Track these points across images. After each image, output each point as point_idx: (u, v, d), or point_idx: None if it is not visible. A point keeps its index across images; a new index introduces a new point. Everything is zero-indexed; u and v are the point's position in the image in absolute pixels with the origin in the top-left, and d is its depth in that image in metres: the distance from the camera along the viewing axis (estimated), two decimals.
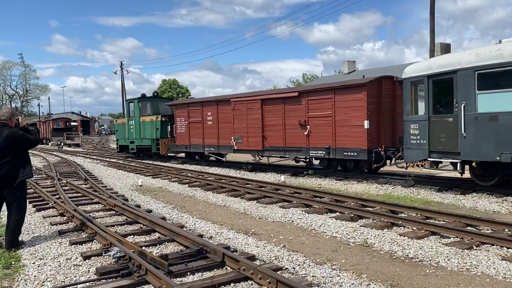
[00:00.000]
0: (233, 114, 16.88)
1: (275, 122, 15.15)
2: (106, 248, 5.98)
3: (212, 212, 9.17)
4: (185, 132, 19.76)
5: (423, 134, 10.60)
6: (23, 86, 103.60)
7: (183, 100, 21.43)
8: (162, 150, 21.37)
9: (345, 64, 48.11)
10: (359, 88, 12.59)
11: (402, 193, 10.88)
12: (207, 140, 18.52)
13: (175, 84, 76.28)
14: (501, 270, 5.09)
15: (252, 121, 16.04)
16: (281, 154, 15.26)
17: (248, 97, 16.62)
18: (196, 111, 19.07)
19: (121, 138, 25.29)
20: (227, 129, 17.29)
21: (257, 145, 15.87)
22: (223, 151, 18.03)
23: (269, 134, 15.45)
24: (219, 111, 17.71)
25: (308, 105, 13.98)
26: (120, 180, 14.67)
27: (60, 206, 8.93)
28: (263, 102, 15.62)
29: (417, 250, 5.93)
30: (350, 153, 12.85)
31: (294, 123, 14.42)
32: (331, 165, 14.36)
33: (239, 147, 16.73)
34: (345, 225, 7.43)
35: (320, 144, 13.63)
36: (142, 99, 23.37)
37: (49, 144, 47.76)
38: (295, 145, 14.46)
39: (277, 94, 15.64)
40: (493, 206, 8.93)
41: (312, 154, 14.08)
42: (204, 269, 5.17)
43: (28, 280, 5.05)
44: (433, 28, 19.29)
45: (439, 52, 34.53)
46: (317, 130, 13.73)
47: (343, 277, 4.95)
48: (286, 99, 14.80)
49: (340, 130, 13.06)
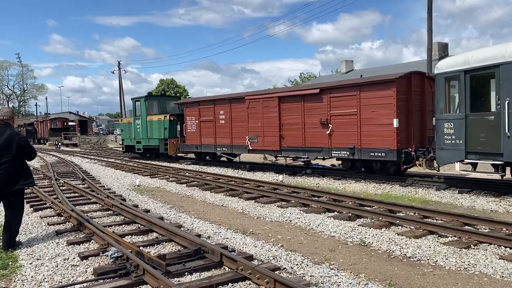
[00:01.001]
0: (248, 113, 16.16)
1: (294, 121, 14.43)
2: (104, 248, 5.96)
3: (210, 211, 9.16)
4: (195, 131, 19.07)
5: (459, 133, 9.88)
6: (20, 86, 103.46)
7: (194, 98, 20.33)
8: (170, 150, 20.71)
9: (342, 64, 48.14)
10: (388, 84, 11.85)
11: (400, 192, 10.89)
12: (219, 140, 17.81)
13: (173, 84, 76.20)
14: (499, 269, 5.10)
15: (268, 120, 15.32)
16: (300, 154, 14.58)
17: (264, 95, 15.90)
18: (208, 110, 18.32)
19: (126, 138, 24.48)
20: (241, 128, 16.59)
21: (274, 145, 15.18)
22: (236, 151, 17.36)
23: (287, 134, 14.73)
24: (233, 110, 16.94)
25: (331, 102, 13.20)
26: (118, 180, 14.64)
27: (58, 206, 8.91)
28: (281, 99, 14.90)
29: (415, 250, 5.93)
30: (377, 154, 12.08)
31: (315, 122, 13.69)
32: (354, 166, 13.54)
33: (254, 147, 16.05)
34: (343, 224, 7.43)
35: (343, 144, 12.91)
36: (149, 98, 22.81)
37: (47, 144, 47.63)
38: (316, 145, 13.74)
39: (296, 91, 14.88)
40: (490, 205, 8.94)
41: (334, 155, 13.34)
42: (202, 269, 5.16)
43: (25, 281, 5.02)
44: (430, 28, 19.32)
45: (437, 51, 34.60)
46: (340, 129, 13.00)
47: (341, 277, 4.95)
48: (305, 97, 14.02)
49: (366, 129, 12.31)
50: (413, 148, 11.67)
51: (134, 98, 23.50)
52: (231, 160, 18.51)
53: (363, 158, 12.53)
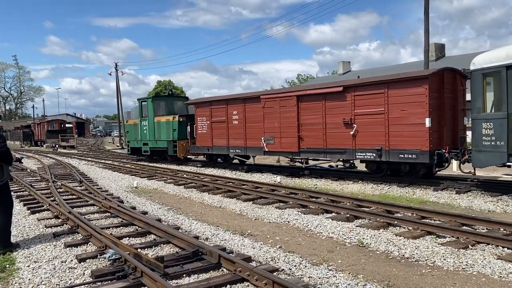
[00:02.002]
0: (264, 113, 15.33)
1: (314, 121, 13.63)
2: (102, 251, 5.94)
3: (208, 213, 9.14)
4: (206, 132, 18.20)
5: (499, 134, 9.20)
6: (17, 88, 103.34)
7: (205, 98, 19.39)
8: (179, 152, 19.95)
9: (339, 65, 48.23)
10: (420, 81, 11.02)
11: (397, 193, 10.91)
12: (232, 141, 16.95)
13: (170, 85, 76.09)
14: (497, 269, 5.10)
15: (286, 120, 14.52)
16: (320, 156, 13.80)
17: (281, 94, 15.09)
18: (220, 110, 17.44)
19: (132, 140, 23.66)
20: (256, 129, 15.75)
21: (292, 146, 14.39)
22: (251, 153, 16.44)
23: (306, 134, 13.93)
24: (247, 110, 16.13)
25: (355, 101, 12.38)
26: (116, 181, 14.61)
27: (55, 208, 8.88)
28: (299, 98, 14.10)
29: (413, 250, 5.94)
30: (407, 156, 11.26)
31: (337, 122, 12.88)
32: (380, 169, 12.77)
33: (271, 148, 15.24)
34: (341, 225, 7.43)
35: (369, 145, 12.08)
36: (156, 98, 22.20)
37: (44, 146, 47.51)
38: (338, 146, 12.93)
39: (316, 89, 13.88)
40: (488, 205, 8.96)
41: (359, 156, 12.48)
42: (200, 271, 5.15)
43: (22, 284, 5.00)
44: (427, 29, 19.38)
45: (434, 52, 34.71)
46: (365, 129, 12.19)
47: (340, 278, 4.94)
48: (327, 95, 13.19)
49: (395, 129, 11.50)
50: (446, 149, 10.94)
51: (140, 98, 22.92)
52: (243, 162, 17.92)
53: (391, 160, 11.72)
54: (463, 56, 34.36)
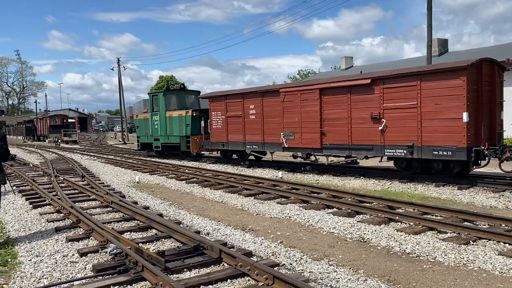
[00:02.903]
0: (283, 107, 14.58)
1: (338, 116, 12.88)
2: (103, 245, 5.96)
3: (209, 208, 9.16)
4: (222, 127, 17.44)
5: None
6: (19, 83, 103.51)
7: (220, 92, 18.55)
8: (193, 148, 19.31)
9: (342, 60, 48.07)
10: (456, 72, 10.29)
11: (399, 188, 10.89)
12: (249, 136, 16.19)
13: (173, 81, 76.09)
14: (498, 265, 5.10)
15: (307, 115, 13.77)
16: (345, 153, 13.11)
17: (302, 87, 14.30)
18: (236, 104, 16.69)
19: (143, 135, 22.88)
20: (274, 124, 15.02)
21: (314, 142, 13.63)
22: (269, 149, 15.73)
23: (330, 130, 13.17)
24: (265, 104, 15.38)
25: (384, 94, 11.63)
26: (118, 176, 14.64)
27: (57, 203, 8.91)
28: (322, 92, 13.34)
29: (414, 246, 5.94)
30: (441, 152, 10.54)
31: (364, 116, 12.12)
32: (410, 166, 12.02)
33: (290, 144, 14.51)
34: (342, 220, 7.43)
35: (399, 141, 11.36)
36: (168, 92, 21.44)
37: (46, 141, 47.62)
38: (365, 143, 12.20)
39: (340, 82, 13.01)
40: (490, 201, 8.95)
41: (388, 153, 11.73)
42: (201, 265, 5.16)
43: (24, 277, 5.03)
44: (430, 24, 19.27)
45: (437, 47, 34.53)
46: (395, 124, 11.46)
47: (340, 273, 4.95)
48: (353, 88, 12.42)
49: (429, 124, 10.78)
50: (486, 146, 10.24)
51: (151, 92, 22.21)
52: (259, 159, 17.40)
53: (424, 157, 10.98)
54: (466, 51, 34.18)
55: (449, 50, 38.16)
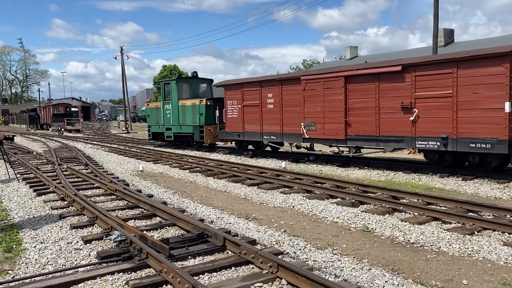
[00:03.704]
0: (304, 96, 13.85)
1: (365, 105, 12.15)
2: (107, 232, 5.98)
3: (213, 197, 9.16)
4: (237, 117, 16.76)
5: None
6: (23, 71, 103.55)
7: (236, 80, 17.77)
8: (206, 138, 18.60)
9: (347, 50, 47.82)
10: (498, 59, 9.55)
11: (403, 179, 10.86)
12: (266, 127, 15.49)
13: (176, 70, 75.85)
14: (503, 256, 5.08)
15: (330, 104, 13.05)
16: (372, 144, 12.38)
17: (326, 74, 13.43)
18: (253, 93, 15.98)
19: (154, 124, 22.21)
20: (294, 114, 14.30)
21: (338, 133, 12.90)
22: (288, 140, 15.00)
23: (355, 120, 12.46)
24: (284, 92, 14.68)
25: (416, 82, 10.92)
26: (121, 165, 14.66)
27: (61, 190, 8.93)
28: (348, 79, 12.59)
29: (418, 236, 5.92)
30: (479, 145, 9.85)
31: (394, 106, 11.42)
32: (443, 159, 11.37)
33: (312, 135, 13.78)
34: (346, 210, 7.42)
35: (432, 132, 10.68)
36: (181, 80, 20.68)
37: (50, 129, 47.74)
38: (394, 134, 11.48)
39: (368, 69, 12.23)
40: (494, 192, 8.91)
41: (420, 145, 11.06)
42: (205, 253, 5.17)
43: (29, 264, 5.05)
44: (437, 13, 19.06)
45: (442, 38, 34.26)
46: (428, 114, 10.76)
47: (344, 262, 4.94)
48: (382, 75, 11.68)
49: (465, 115, 10.08)
50: None
51: (163, 80, 21.52)
52: (276, 150, 16.89)
53: (459, 150, 10.32)
54: (472, 42, 33.89)
55: (455, 41, 37.82)
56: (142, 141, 26.72)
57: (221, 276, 4.52)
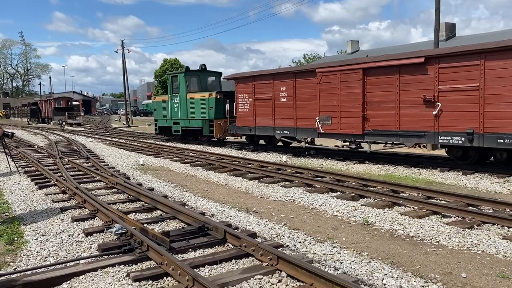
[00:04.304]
0: (319, 89, 13.38)
1: (384, 98, 11.69)
2: (108, 225, 6.01)
3: (213, 191, 9.19)
4: (249, 111, 16.28)
5: None
6: (24, 65, 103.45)
7: (247, 73, 17.22)
8: (216, 133, 18.15)
9: (348, 44, 47.67)
10: None
11: (403, 173, 10.87)
12: (279, 121, 15.05)
13: (177, 64, 75.71)
14: (502, 249, 5.11)
15: (347, 97, 12.59)
16: (391, 139, 11.93)
17: (343, 67, 12.92)
18: (265, 86, 15.51)
19: (161, 118, 21.66)
20: (309, 108, 13.84)
21: (355, 127, 12.45)
22: (302, 134, 14.57)
23: (374, 114, 12.00)
24: (298, 85, 14.19)
25: (440, 74, 10.44)
26: (122, 159, 14.69)
27: (62, 183, 8.96)
28: (366, 72, 12.11)
29: (418, 229, 5.94)
30: (508, 141, 9.34)
31: (415, 99, 10.96)
32: (467, 155, 10.91)
33: (327, 130, 13.33)
34: (346, 204, 7.44)
35: (457, 127, 10.23)
36: (189, 73, 20.04)
37: (51, 123, 47.75)
38: (415, 129, 11.06)
39: (388, 61, 11.72)
40: (494, 186, 8.92)
41: (443, 141, 10.57)
42: (205, 245, 5.20)
43: (30, 256, 5.09)
44: (438, 7, 18.96)
45: (444, 32, 34.11)
46: (453, 108, 10.29)
47: (344, 255, 4.97)
48: (402, 68, 11.21)
49: (493, 109, 9.60)
50: None
51: (171, 73, 21.34)
52: (288, 145, 16.47)
53: (486, 145, 9.85)
54: (474, 36, 33.74)
55: (457, 35, 37.67)
56: (143, 135, 26.75)
57: (221, 269, 4.55)
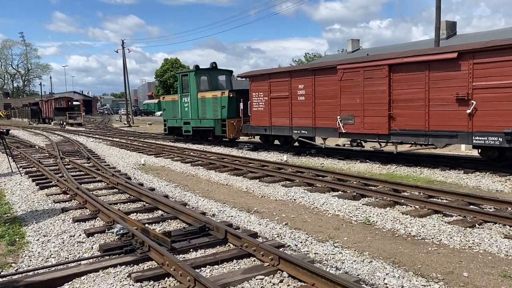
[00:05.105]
0: (341, 86, 12.79)
1: (412, 96, 11.09)
2: (109, 226, 6.01)
3: (214, 190, 9.19)
4: (264, 110, 15.71)
5: None
6: (24, 65, 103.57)
7: (263, 70, 16.63)
8: (229, 133, 17.58)
9: (349, 43, 47.65)
10: None
11: (405, 172, 10.86)
12: (296, 120, 14.47)
13: (177, 63, 75.76)
14: (503, 248, 5.10)
15: (371, 95, 11.98)
16: (420, 140, 11.29)
17: (366, 63, 12.33)
18: (281, 84, 14.95)
19: (170, 118, 21.18)
20: (329, 106, 13.27)
21: (380, 127, 11.83)
22: (321, 134, 13.92)
23: (400, 113, 11.40)
24: (317, 83, 13.61)
25: (474, 70, 9.83)
26: (123, 159, 14.69)
27: (63, 184, 8.96)
28: (392, 68, 11.51)
29: (419, 228, 5.94)
30: None
31: (446, 97, 10.35)
32: (504, 156, 10.29)
33: (349, 129, 12.76)
34: (347, 203, 7.43)
35: (493, 127, 9.64)
36: (200, 72, 19.47)
37: (52, 123, 47.79)
38: (447, 128, 10.42)
39: (417, 56, 11.09)
40: (496, 185, 8.91)
41: (477, 142, 9.94)
42: (206, 246, 5.20)
43: (32, 257, 5.09)
44: (439, 6, 18.96)
45: (445, 30, 34.08)
46: (488, 107, 9.70)
47: (345, 254, 4.96)
48: (432, 64, 10.60)
49: None
50: None
51: (181, 72, 21.03)
52: (305, 145, 15.89)
53: None
54: (475, 34, 33.69)
55: (458, 33, 37.63)
56: (144, 135, 26.76)
57: (222, 269, 4.54)
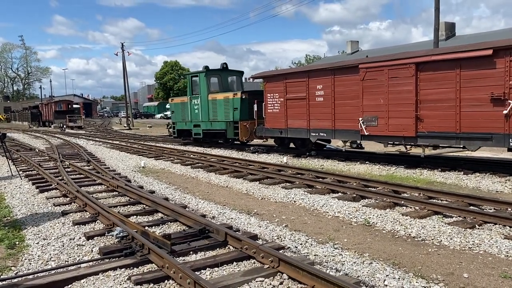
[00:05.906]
0: (363, 86, 12.21)
1: (441, 96, 10.47)
2: (109, 228, 6.01)
3: (214, 192, 9.19)
4: (279, 112, 15.16)
5: None
6: (24, 69, 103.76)
7: (278, 71, 16.14)
8: (242, 135, 17.02)
9: (348, 44, 47.71)
10: None
11: (405, 173, 10.86)
12: (314, 122, 13.89)
13: (177, 66, 75.85)
14: (504, 249, 5.09)
15: (397, 96, 11.41)
16: (450, 142, 10.59)
17: (391, 61, 11.69)
18: (298, 84, 14.38)
19: (179, 120, 20.65)
20: (350, 107, 12.71)
21: (406, 129, 11.23)
22: (342, 137, 13.38)
23: (429, 114, 10.79)
24: (337, 83, 13.07)
25: (511, 68, 9.25)
26: (123, 161, 14.69)
27: (63, 187, 8.97)
28: (419, 67, 10.90)
29: (419, 230, 5.93)
30: None
31: (480, 97, 9.75)
32: None
33: (372, 132, 12.11)
34: (347, 205, 7.43)
35: None
36: (210, 73, 18.96)
37: (52, 126, 47.81)
38: (480, 130, 9.82)
39: (446, 54, 10.46)
40: (496, 186, 8.91)
41: None
42: (206, 248, 5.20)
43: (32, 260, 5.08)
44: (438, 7, 19.01)
45: (444, 31, 34.11)
46: None
47: (345, 256, 4.96)
48: (464, 62, 9.99)
49: None
50: None
51: (190, 73, 20.71)
52: (322, 147, 15.57)
53: None
54: (474, 35, 33.73)
55: (457, 34, 37.68)
56: (144, 138, 26.77)
57: (222, 271, 4.54)
